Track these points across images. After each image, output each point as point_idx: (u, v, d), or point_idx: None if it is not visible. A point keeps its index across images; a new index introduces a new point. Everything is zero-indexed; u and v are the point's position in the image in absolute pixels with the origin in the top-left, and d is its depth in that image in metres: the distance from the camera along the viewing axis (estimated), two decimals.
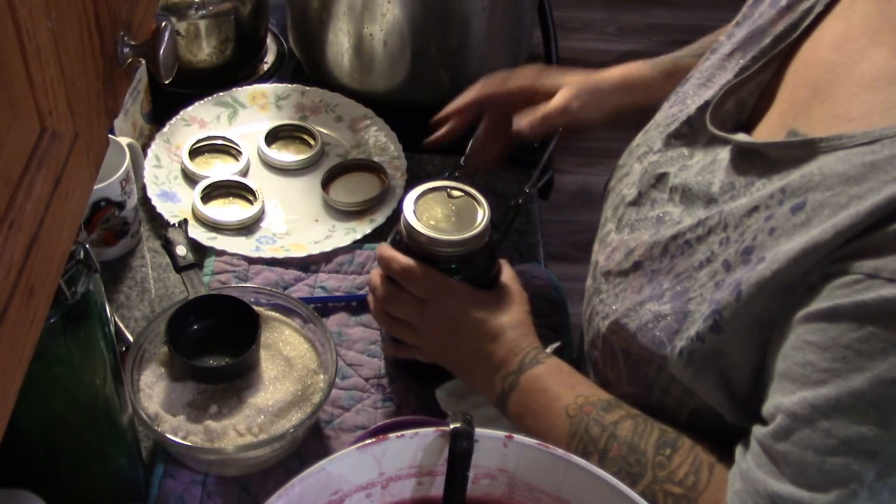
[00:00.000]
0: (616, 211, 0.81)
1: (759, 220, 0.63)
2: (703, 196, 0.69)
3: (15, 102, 0.40)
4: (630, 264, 0.74)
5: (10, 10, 0.38)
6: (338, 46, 1.19)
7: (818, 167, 0.59)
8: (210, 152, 1.15)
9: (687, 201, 0.71)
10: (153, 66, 0.54)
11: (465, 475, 0.63)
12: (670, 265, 0.70)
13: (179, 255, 0.91)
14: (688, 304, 0.66)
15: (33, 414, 0.66)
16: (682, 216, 0.71)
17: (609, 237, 0.80)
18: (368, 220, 1.08)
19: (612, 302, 0.75)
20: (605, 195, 0.86)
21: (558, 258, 2.22)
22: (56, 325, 0.62)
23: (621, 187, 0.82)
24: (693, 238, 0.68)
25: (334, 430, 0.90)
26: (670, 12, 3.09)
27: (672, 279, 0.69)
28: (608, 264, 0.78)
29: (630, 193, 0.79)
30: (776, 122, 0.68)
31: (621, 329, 0.72)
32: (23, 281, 0.40)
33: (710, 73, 0.77)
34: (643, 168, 0.78)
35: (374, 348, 0.96)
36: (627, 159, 0.84)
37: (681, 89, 0.81)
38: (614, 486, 0.60)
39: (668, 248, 0.70)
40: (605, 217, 0.84)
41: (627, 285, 0.74)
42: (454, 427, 0.61)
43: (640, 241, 0.74)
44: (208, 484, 0.84)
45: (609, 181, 0.86)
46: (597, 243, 0.84)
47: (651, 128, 0.82)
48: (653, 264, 0.72)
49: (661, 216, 0.74)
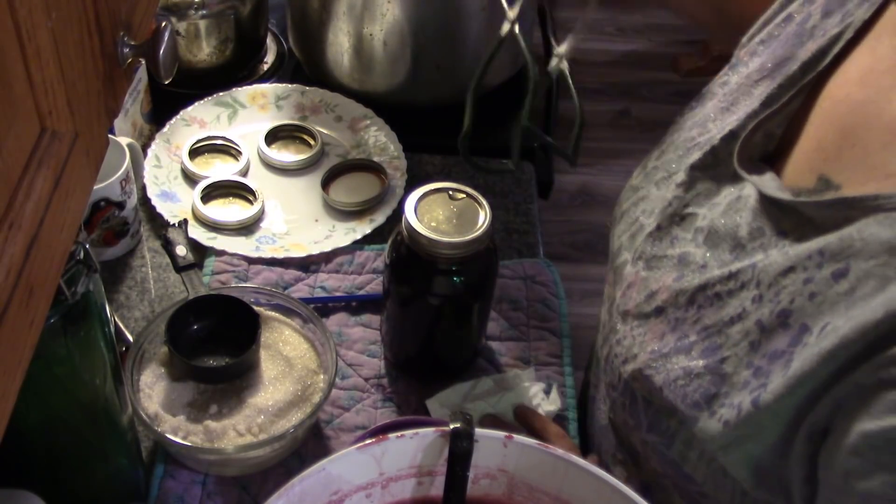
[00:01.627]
0: (633, 240, 0.77)
1: (796, 282, 0.60)
2: (730, 239, 0.67)
3: (15, 102, 0.40)
4: (651, 308, 0.71)
5: (10, 10, 0.38)
6: (338, 46, 1.19)
7: (858, 230, 0.56)
8: (210, 152, 1.15)
9: (711, 244, 0.68)
10: (153, 66, 0.54)
11: (465, 475, 0.63)
12: (697, 315, 0.67)
13: (179, 255, 0.91)
14: (723, 365, 0.63)
15: (33, 414, 0.66)
16: (706, 259, 0.68)
17: (625, 269, 0.76)
18: (368, 220, 1.08)
19: (632, 346, 0.72)
20: (618, 216, 0.82)
21: (558, 258, 2.22)
22: (56, 325, 0.62)
23: (637, 213, 0.78)
24: (724, 291, 0.65)
25: (334, 430, 0.90)
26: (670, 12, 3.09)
27: (699, 331, 0.66)
28: (625, 303, 0.74)
29: (649, 224, 0.75)
30: (804, 163, 0.65)
31: (645, 379, 0.69)
32: (23, 281, 0.40)
33: (733, 97, 0.73)
34: (665, 199, 0.74)
35: (375, 348, 0.97)
36: (643, 181, 0.79)
37: (699, 108, 0.78)
38: (614, 487, 0.59)
39: (696, 298, 0.67)
40: (619, 242, 0.80)
41: (648, 330, 0.71)
42: (454, 427, 0.61)
43: (662, 283, 0.71)
44: (208, 484, 0.84)
45: (622, 201, 0.82)
46: (611, 272, 0.80)
47: (668, 149, 0.78)
48: (677, 312, 0.68)
49: (682, 256, 0.70)
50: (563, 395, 0.93)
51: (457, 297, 0.85)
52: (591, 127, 2.69)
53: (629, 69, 2.88)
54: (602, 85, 2.81)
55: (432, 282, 0.83)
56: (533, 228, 1.12)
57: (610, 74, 2.85)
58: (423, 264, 0.81)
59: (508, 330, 0.99)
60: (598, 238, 2.33)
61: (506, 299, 1.02)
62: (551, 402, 0.90)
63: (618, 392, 0.74)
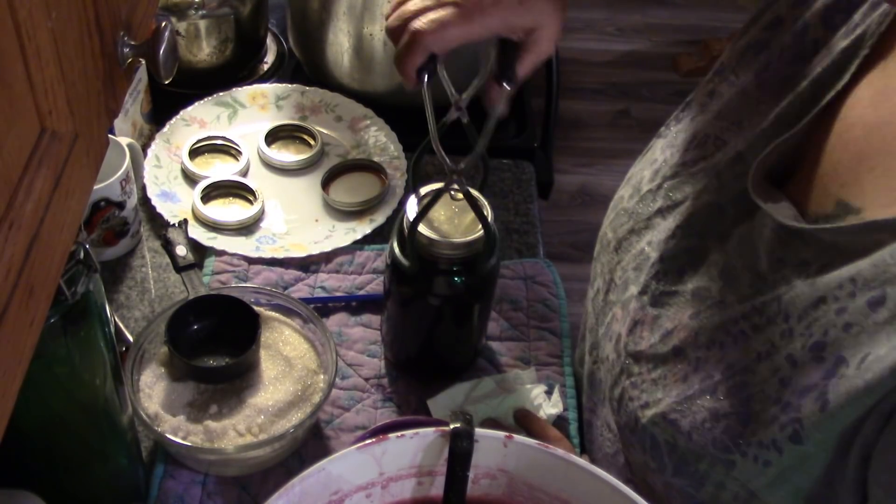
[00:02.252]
0: (638, 273, 0.73)
1: (828, 313, 0.57)
2: (749, 270, 0.64)
3: (15, 102, 0.40)
4: (669, 349, 0.67)
5: (10, 10, 0.38)
6: (338, 46, 1.19)
7: (891, 255, 0.54)
8: (210, 152, 1.15)
9: (728, 277, 0.65)
10: (153, 66, 0.54)
11: (465, 475, 0.63)
12: (720, 354, 0.63)
13: (179, 255, 0.91)
14: (750, 403, 0.60)
15: (33, 414, 0.66)
16: (724, 294, 0.65)
17: (631, 304, 0.72)
18: (368, 220, 1.08)
19: (651, 390, 0.68)
20: (611, 241, 0.78)
21: (558, 258, 2.22)
22: (56, 325, 0.62)
23: (641, 243, 0.74)
24: (748, 327, 0.62)
25: (334, 430, 0.90)
26: (670, 12, 3.09)
27: (724, 370, 0.63)
28: (637, 342, 0.71)
29: (653, 255, 0.72)
30: (819, 187, 0.62)
31: (669, 425, 0.66)
32: (23, 281, 0.40)
33: (736, 114, 0.70)
34: (669, 229, 0.71)
35: (375, 348, 0.97)
36: (639, 206, 0.75)
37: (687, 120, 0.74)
38: (614, 487, 0.59)
39: (717, 337, 0.64)
40: (622, 270, 0.75)
41: (668, 372, 0.67)
42: (454, 427, 0.61)
43: (678, 322, 0.67)
44: (208, 484, 0.84)
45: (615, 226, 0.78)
46: (618, 307, 0.75)
47: (664, 170, 0.74)
48: (698, 352, 0.65)
49: (696, 292, 0.67)
50: (563, 396, 0.93)
51: (457, 298, 0.85)
52: (591, 127, 2.69)
53: (629, 69, 2.89)
54: (602, 85, 2.81)
55: (433, 282, 0.83)
56: (533, 228, 1.12)
57: (610, 74, 2.85)
58: (425, 264, 0.81)
59: (508, 330, 0.99)
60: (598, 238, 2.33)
61: (506, 299, 1.02)
62: (553, 405, 0.90)
63: (635, 436, 0.70)
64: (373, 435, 0.72)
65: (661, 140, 0.79)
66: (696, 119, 0.74)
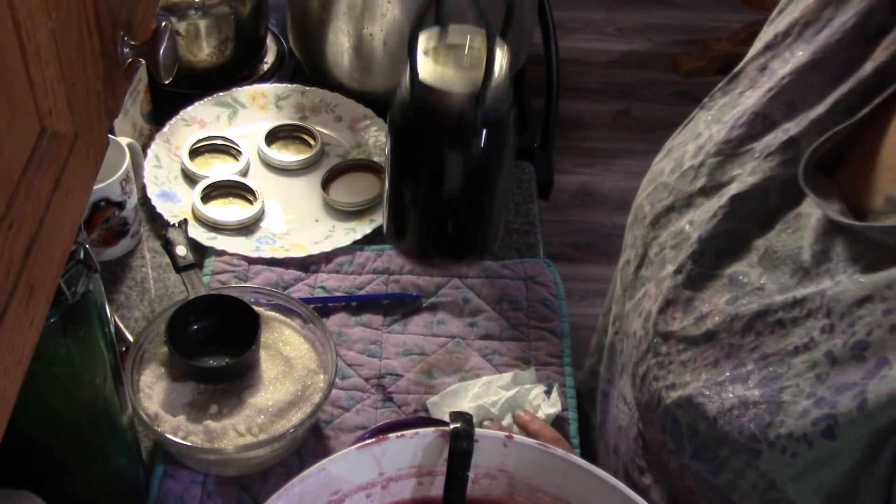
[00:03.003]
0: (677, 251, 0.71)
1: (874, 313, 0.56)
2: (791, 262, 0.62)
3: (15, 102, 0.40)
4: (702, 332, 0.66)
5: (10, 10, 0.38)
6: (338, 46, 1.19)
7: None
8: (210, 152, 1.15)
9: (769, 265, 0.64)
10: (153, 66, 0.54)
11: (465, 475, 0.63)
12: (755, 343, 0.62)
13: (179, 255, 0.91)
14: (781, 394, 0.60)
15: (33, 414, 0.66)
16: (763, 282, 0.64)
17: (665, 283, 0.70)
18: (368, 220, 1.08)
19: (679, 372, 0.67)
20: (648, 216, 0.76)
21: (558, 258, 2.22)
22: (56, 325, 0.62)
23: (681, 221, 0.72)
24: (787, 318, 0.61)
25: (334, 430, 0.90)
26: (670, 12, 3.09)
27: (758, 360, 0.62)
28: (668, 322, 0.69)
29: (693, 235, 0.69)
30: (869, 180, 0.60)
31: (694, 408, 0.65)
32: (23, 281, 0.40)
33: (788, 94, 0.67)
34: (711, 210, 0.69)
35: (374, 348, 0.97)
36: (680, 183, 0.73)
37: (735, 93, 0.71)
38: (614, 486, 0.60)
39: (754, 325, 0.63)
40: (659, 246, 0.73)
41: (698, 355, 0.66)
42: (454, 427, 0.61)
43: (714, 306, 0.66)
44: (208, 484, 0.84)
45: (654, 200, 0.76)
46: (651, 283, 0.73)
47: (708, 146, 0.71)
48: (731, 338, 0.64)
49: (734, 276, 0.66)
50: (563, 395, 0.93)
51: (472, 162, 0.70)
52: (591, 127, 2.69)
53: (629, 69, 2.88)
54: (602, 85, 2.81)
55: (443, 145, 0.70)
56: (533, 228, 1.12)
57: (610, 74, 2.84)
58: (433, 125, 0.68)
59: (508, 330, 0.99)
60: (598, 238, 2.33)
61: (506, 299, 1.02)
62: (552, 405, 0.90)
63: (656, 415, 0.69)
64: (373, 435, 0.72)
65: (705, 112, 0.76)
66: (745, 94, 0.72)
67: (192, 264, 0.91)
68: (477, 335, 0.99)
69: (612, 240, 2.30)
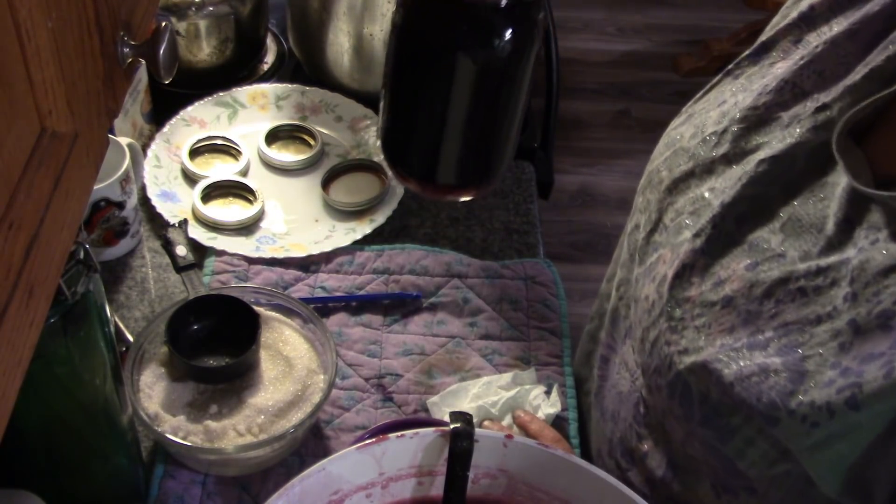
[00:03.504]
0: (696, 217, 0.70)
1: None
2: (815, 230, 0.62)
3: (15, 102, 0.40)
4: (719, 297, 0.65)
5: (10, 10, 0.38)
6: (338, 46, 1.19)
7: None
8: (210, 152, 1.15)
9: (791, 232, 0.63)
10: (153, 66, 0.54)
11: (465, 475, 0.63)
12: (775, 310, 0.62)
13: (179, 255, 0.91)
14: (804, 363, 0.59)
15: (33, 414, 0.66)
16: (784, 249, 0.63)
17: (683, 247, 0.69)
18: (368, 220, 1.08)
19: (693, 337, 0.66)
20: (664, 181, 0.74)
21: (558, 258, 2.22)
22: (56, 325, 0.62)
23: (701, 188, 0.70)
24: (810, 287, 0.60)
25: (334, 430, 0.90)
26: (670, 12, 3.09)
27: (777, 327, 0.61)
28: (685, 287, 0.68)
29: (714, 202, 0.68)
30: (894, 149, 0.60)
31: (709, 374, 0.64)
32: (23, 281, 0.40)
33: (821, 63, 0.66)
34: (735, 177, 0.68)
35: (374, 348, 0.97)
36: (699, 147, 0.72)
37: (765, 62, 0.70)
38: (614, 487, 0.60)
39: (774, 292, 0.62)
40: (675, 212, 0.72)
41: (713, 321, 0.65)
42: (454, 427, 0.61)
43: (733, 271, 0.65)
44: (208, 484, 0.84)
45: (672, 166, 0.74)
46: (666, 248, 0.72)
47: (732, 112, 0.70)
48: (750, 304, 0.63)
49: (754, 242, 0.65)
50: (563, 395, 0.93)
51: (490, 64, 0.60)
52: (591, 127, 2.69)
53: (629, 69, 2.88)
54: (602, 85, 2.81)
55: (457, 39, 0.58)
56: (533, 228, 1.12)
57: (610, 74, 2.85)
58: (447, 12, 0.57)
59: (508, 330, 0.99)
60: (598, 238, 2.33)
61: (506, 299, 1.02)
62: (552, 405, 0.90)
63: (665, 379, 0.69)
64: (373, 435, 0.72)
65: (731, 80, 0.75)
66: (776, 64, 0.71)
67: (192, 264, 0.91)
68: (477, 335, 0.99)
69: (612, 240, 2.29)
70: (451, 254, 1.05)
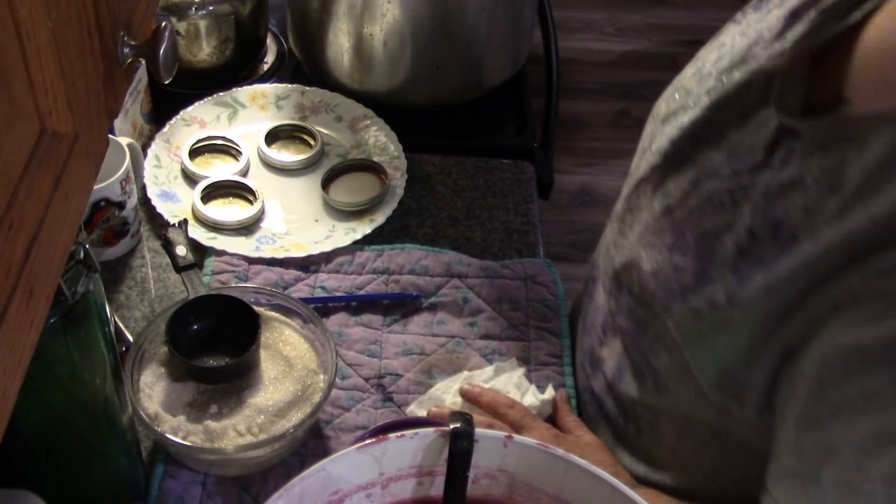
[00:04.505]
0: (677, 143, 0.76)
1: (794, 197, 0.61)
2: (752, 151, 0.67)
3: (15, 102, 0.40)
4: (662, 207, 0.73)
5: (10, 10, 0.38)
6: (338, 46, 1.19)
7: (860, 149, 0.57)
8: (210, 152, 1.15)
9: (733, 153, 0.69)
10: (153, 66, 0.54)
11: (465, 475, 0.63)
12: (699, 220, 0.69)
13: (179, 255, 0.91)
14: (709, 267, 0.67)
15: (33, 414, 0.66)
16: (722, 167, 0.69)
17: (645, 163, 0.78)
18: (368, 220, 1.08)
19: (633, 241, 0.75)
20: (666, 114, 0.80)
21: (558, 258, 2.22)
22: (56, 325, 0.62)
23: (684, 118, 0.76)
24: (728, 200, 0.67)
25: (334, 430, 0.90)
26: (670, 12, 3.09)
27: (699, 235, 0.69)
28: (640, 197, 0.77)
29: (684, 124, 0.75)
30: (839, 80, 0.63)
31: (634, 270, 0.73)
32: (23, 281, 0.40)
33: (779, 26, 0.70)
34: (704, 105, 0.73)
35: (374, 348, 0.97)
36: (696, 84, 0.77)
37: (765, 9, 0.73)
38: (614, 487, 0.60)
39: (702, 203, 0.69)
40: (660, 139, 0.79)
41: (651, 226, 0.74)
42: (454, 427, 0.61)
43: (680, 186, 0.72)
44: (208, 484, 0.84)
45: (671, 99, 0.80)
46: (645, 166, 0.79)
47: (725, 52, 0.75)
48: (682, 213, 0.71)
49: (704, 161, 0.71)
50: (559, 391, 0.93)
51: None
52: (591, 127, 2.69)
53: (629, 69, 2.89)
54: (602, 85, 2.81)
55: None
56: (533, 228, 1.12)
57: (610, 74, 2.85)
58: None
59: (508, 330, 0.99)
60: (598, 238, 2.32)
61: (506, 299, 1.02)
62: (540, 391, 0.91)
63: (609, 279, 0.81)
64: (373, 435, 0.72)
65: (734, 26, 0.78)
66: (773, 12, 0.74)
67: (192, 264, 0.91)
68: (477, 335, 0.99)
69: None
70: (451, 254, 1.05)
